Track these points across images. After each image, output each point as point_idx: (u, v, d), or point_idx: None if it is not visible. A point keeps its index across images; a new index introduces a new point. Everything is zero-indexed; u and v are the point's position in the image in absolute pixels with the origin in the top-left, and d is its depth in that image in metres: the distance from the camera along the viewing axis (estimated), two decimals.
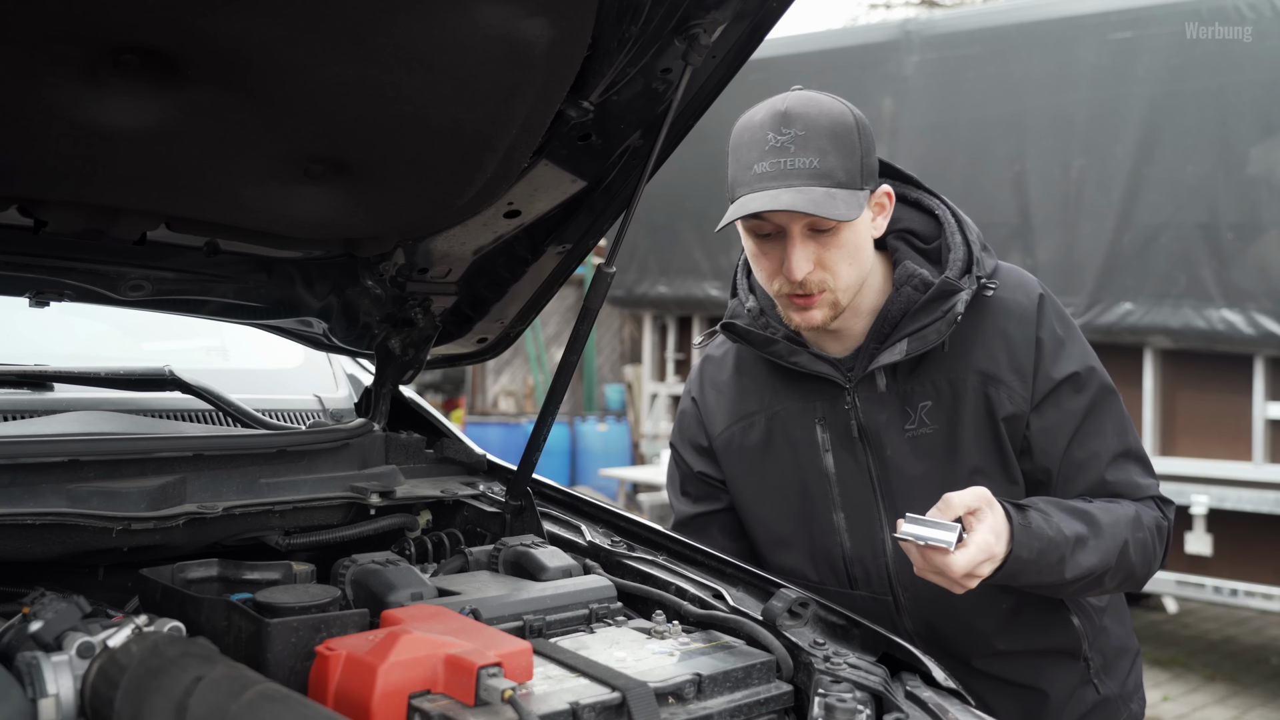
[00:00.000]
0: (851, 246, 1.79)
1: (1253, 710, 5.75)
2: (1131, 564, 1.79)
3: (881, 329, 1.85)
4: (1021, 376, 1.82)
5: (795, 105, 1.75)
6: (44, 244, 1.60)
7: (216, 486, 1.61)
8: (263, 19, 1.24)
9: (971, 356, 1.83)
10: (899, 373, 1.86)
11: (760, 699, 1.35)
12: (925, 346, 1.80)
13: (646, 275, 8.31)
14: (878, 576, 1.90)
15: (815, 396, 1.91)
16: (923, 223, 1.93)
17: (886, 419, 1.86)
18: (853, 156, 1.75)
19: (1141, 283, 5.83)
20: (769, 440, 1.96)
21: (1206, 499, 5.72)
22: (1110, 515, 1.79)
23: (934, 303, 1.80)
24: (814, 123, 1.73)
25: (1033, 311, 1.84)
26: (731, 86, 1.72)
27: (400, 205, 1.71)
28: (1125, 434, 1.88)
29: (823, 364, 1.89)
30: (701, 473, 2.04)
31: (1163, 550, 1.87)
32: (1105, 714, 1.94)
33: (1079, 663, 1.92)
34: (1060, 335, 1.85)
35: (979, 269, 1.82)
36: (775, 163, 1.73)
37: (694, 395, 2.09)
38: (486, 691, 1.13)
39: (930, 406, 1.84)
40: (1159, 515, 1.86)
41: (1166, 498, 1.90)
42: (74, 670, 1.18)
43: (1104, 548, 1.75)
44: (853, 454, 1.89)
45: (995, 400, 1.81)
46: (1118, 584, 1.82)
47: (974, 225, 1.90)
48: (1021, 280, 1.89)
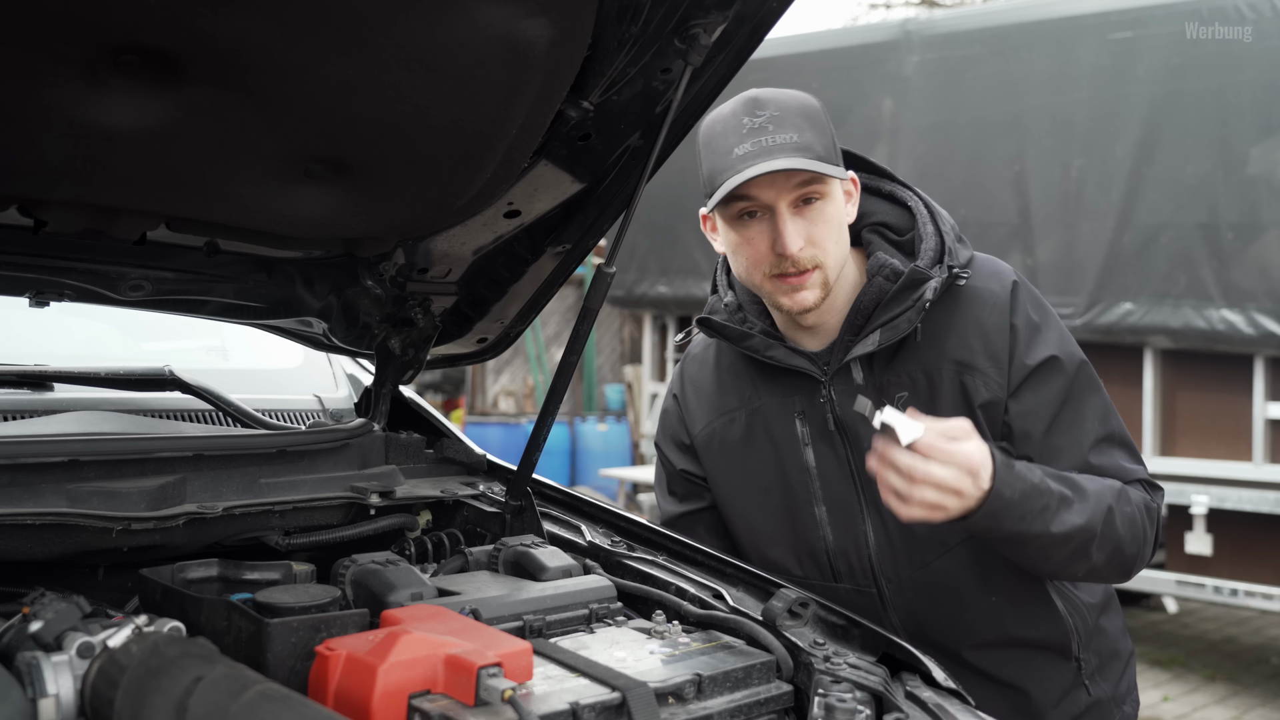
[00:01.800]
0: (836, 222, 1.83)
1: (1253, 710, 5.75)
2: (1119, 536, 1.76)
3: (855, 321, 1.87)
4: (997, 363, 1.82)
5: (763, 92, 1.81)
6: (44, 244, 1.60)
7: (216, 486, 1.61)
8: (263, 19, 1.24)
9: (946, 346, 1.84)
10: (875, 365, 1.87)
11: (760, 699, 1.35)
12: (897, 336, 1.81)
13: (646, 275, 8.31)
14: (861, 569, 1.91)
15: (793, 391, 1.93)
16: (896, 215, 1.94)
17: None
18: (826, 134, 1.79)
19: (1141, 283, 5.83)
20: (750, 436, 1.97)
21: (1206, 499, 5.72)
22: (1095, 484, 1.77)
23: (904, 292, 1.81)
24: (786, 104, 1.79)
25: (1006, 298, 1.84)
26: (731, 86, 1.72)
27: (400, 205, 1.71)
28: (1108, 419, 1.86)
29: (799, 358, 1.90)
30: (684, 470, 2.05)
31: (1154, 533, 1.84)
32: (1097, 715, 1.94)
33: (1070, 663, 1.92)
34: (1035, 321, 1.84)
35: (950, 258, 1.83)
36: (756, 142, 1.76)
37: (675, 393, 2.11)
38: (486, 691, 1.13)
39: (907, 397, 1.84)
40: (1146, 497, 1.84)
41: (1155, 484, 1.88)
42: (74, 670, 1.18)
43: (1089, 510, 1.72)
44: (832, 447, 1.90)
45: (971, 388, 1.82)
46: (1106, 558, 1.78)
47: (948, 216, 1.91)
48: (995, 269, 1.89)
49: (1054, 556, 1.76)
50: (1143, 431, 5.94)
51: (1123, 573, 1.86)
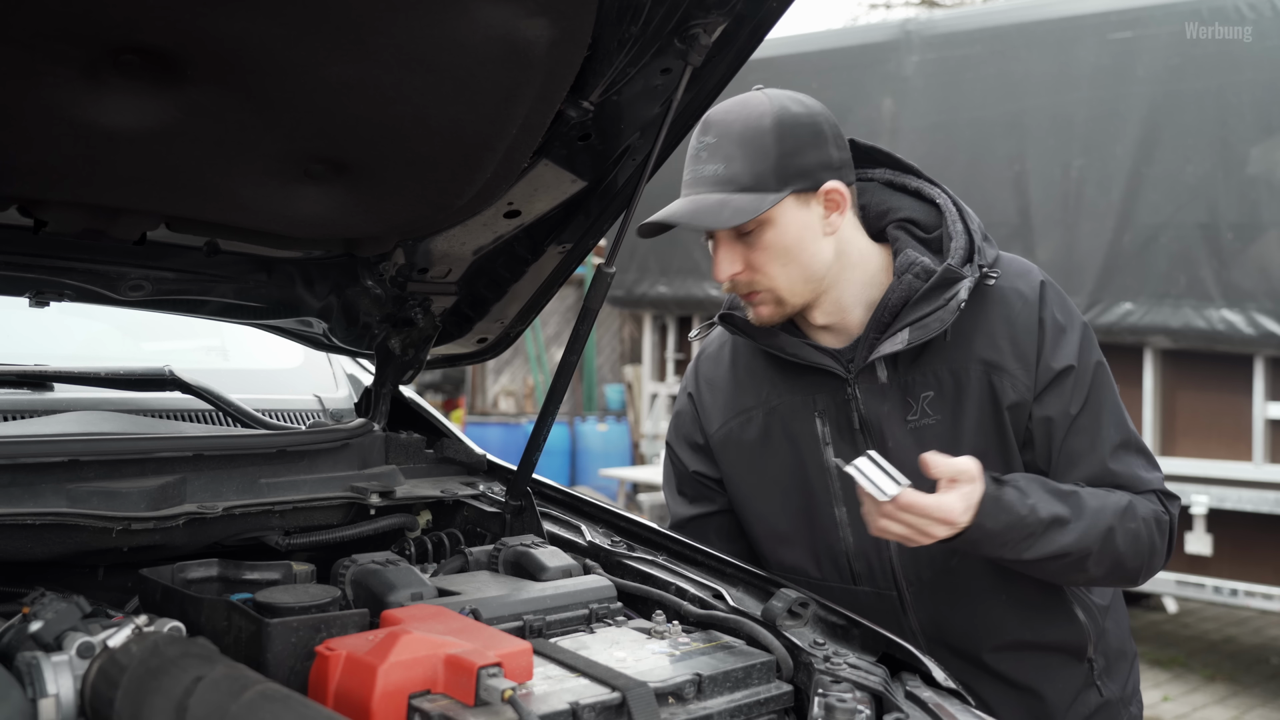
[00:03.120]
0: (778, 248, 1.79)
1: (1253, 710, 5.75)
2: (1119, 553, 1.77)
3: (882, 318, 1.84)
4: (1025, 364, 1.81)
5: (716, 111, 1.80)
6: (44, 244, 1.60)
7: (216, 486, 1.61)
8: (263, 19, 1.24)
9: (974, 346, 1.82)
10: (900, 363, 1.85)
11: (760, 699, 1.35)
12: (927, 335, 1.78)
13: (646, 275, 8.31)
14: (881, 572, 1.89)
15: (815, 389, 1.90)
16: (923, 212, 1.92)
17: (888, 410, 1.85)
18: (763, 160, 1.76)
19: (1141, 283, 5.82)
20: (767, 435, 1.95)
21: (1206, 499, 5.72)
22: (1098, 501, 1.77)
23: (936, 291, 1.79)
24: (727, 129, 1.78)
25: (1035, 299, 1.83)
26: (731, 86, 1.72)
27: (400, 205, 1.71)
28: (1123, 425, 1.86)
29: (824, 355, 1.88)
30: (697, 472, 2.03)
31: (1165, 545, 1.84)
32: (1107, 717, 1.93)
33: (1083, 664, 1.91)
34: (1062, 323, 1.84)
35: (980, 258, 1.82)
36: (692, 170, 1.80)
37: (690, 392, 2.08)
38: (486, 691, 1.13)
39: (932, 397, 1.83)
40: (1159, 509, 1.84)
41: (1171, 493, 1.88)
42: (74, 670, 1.18)
43: (1083, 531, 1.73)
44: (854, 446, 1.87)
45: (999, 389, 1.81)
46: (1105, 572, 1.79)
47: (975, 215, 1.89)
48: (1024, 269, 1.89)
49: (1045, 570, 1.79)
50: (1143, 431, 5.94)
51: (1127, 582, 1.87)
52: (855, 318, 1.88)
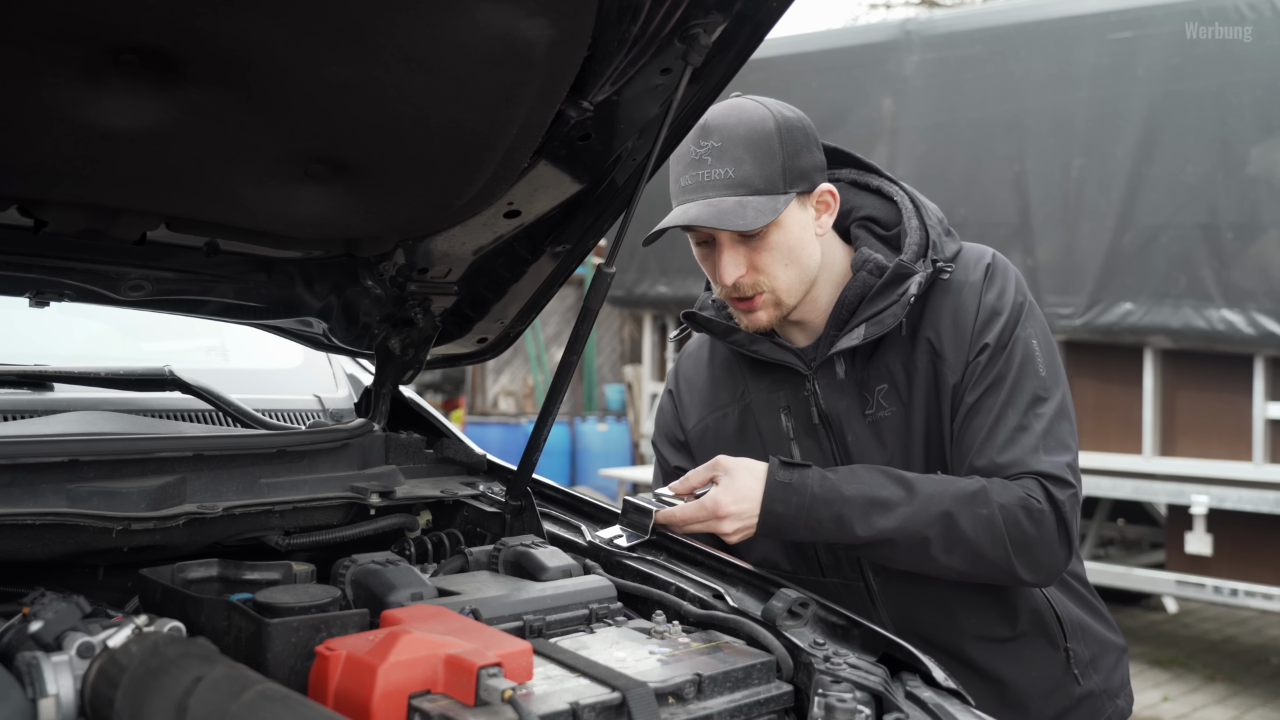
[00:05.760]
0: (783, 248, 1.83)
1: (1253, 710, 5.75)
2: (970, 541, 1.72)
3: (840, 315, 1.88)
4: (959, 348, 1.83)
5: (714, 116, 1.81)
6: (44, 244, 1.60)
7: (216, 486, 1.61)
8: (263, 19, 1.24)
9: (924, 336, 1.86)
10: (857, 358, 1.89)
11: (760, 699, 1.35)
12: (882, 330, 1.82)
13: (646, 275, 8.31)
14: (847, 562, 1.93)
15: (780, 386, 1.95)
16: (884, 209, 1.95)
17: (846, 405, 1.89)
18: (771, 162, 1.79)
19: (1141, 283, 5.83)
20: (743, 431, 2.00)
21: (1206, 499, 5.73)
22: (937, 486, 1.75)
23: (889, 286, 1.82)
24: (731, 133, 1.80)
25: (979, 284, 1.85)
26: (731, 86, 1.72)
27: (400, 205, 1.71)
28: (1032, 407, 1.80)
29: (784, 352, 1.92)
30: (679, 468, 2.06)
31: (1049, 535, 1.75)
32: (1090, 708, 1.95)
33: (1059, 653, 1.92)
34: (994, 305, 1.83)
35: (935, 252, 1.84)
36: (694, 175, 1.82)
37: (670, 389, 2.15)
38: (486, 691, 1.13)
39: (887, 390, 1.86)
40: (1029, 496, 1.75)
41: (1062, 479, 1.77)
42: (74, 670, 1.18)
43: (910, 515, 1.72)
44: (817, 441, 1.92)
45: (941, 375, 1.84)
46: (963, 562, 1.75)
47: (935, 210, 1.92)
48: (977, 257, 1.89)
49: (888, 556, 1.80)
50: (1143, 431, 5.94)
51: (1004, 574, 1.78)
52: (821, 314, 1.92)
